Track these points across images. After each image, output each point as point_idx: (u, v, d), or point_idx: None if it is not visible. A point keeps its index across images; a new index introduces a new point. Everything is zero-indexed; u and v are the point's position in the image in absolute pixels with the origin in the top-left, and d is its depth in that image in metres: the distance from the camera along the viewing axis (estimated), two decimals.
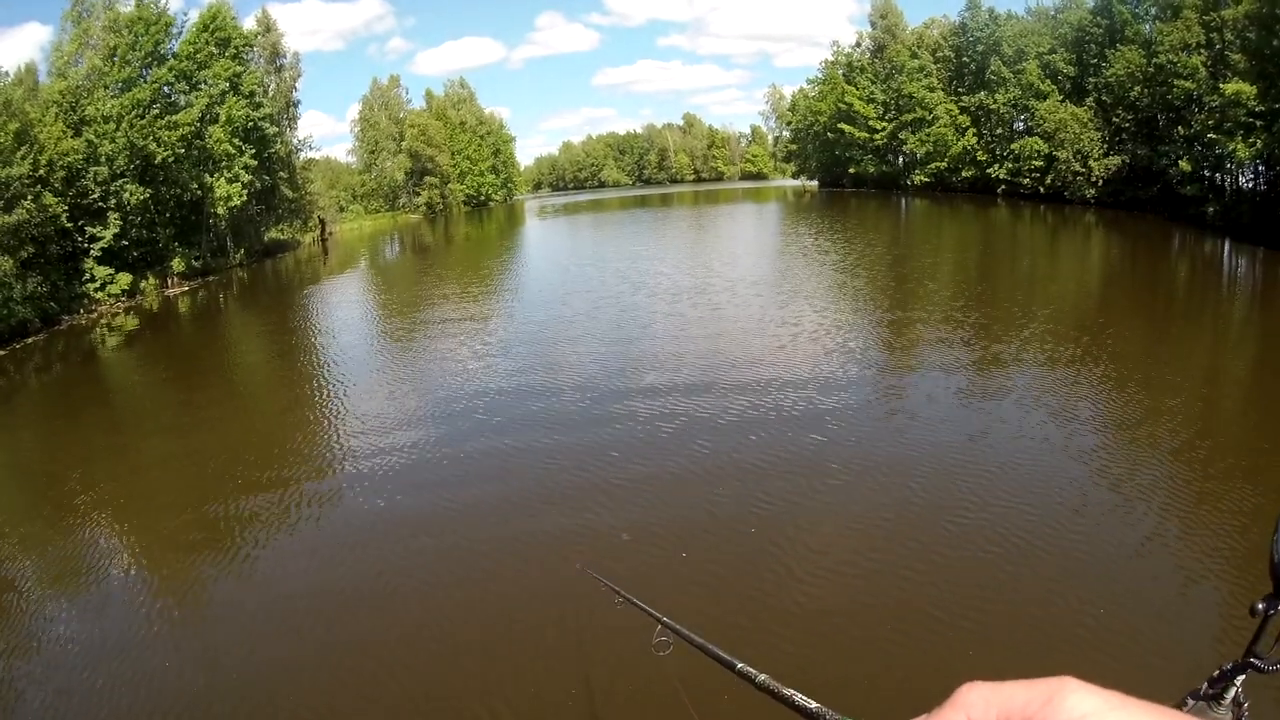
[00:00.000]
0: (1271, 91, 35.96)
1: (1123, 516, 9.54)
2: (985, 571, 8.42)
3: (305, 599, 8.92)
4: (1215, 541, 8.79)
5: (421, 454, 12.94)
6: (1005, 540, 8.94)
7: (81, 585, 10.01)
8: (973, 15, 73.08)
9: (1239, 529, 9.02)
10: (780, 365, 16.04)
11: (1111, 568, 8.42)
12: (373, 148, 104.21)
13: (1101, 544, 8.89)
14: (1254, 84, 36.89)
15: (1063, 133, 57.30)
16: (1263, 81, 36.46)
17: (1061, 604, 7.79)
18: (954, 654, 7.19)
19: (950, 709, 0.63)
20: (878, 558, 8.89)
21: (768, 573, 8.58)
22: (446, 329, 23.42)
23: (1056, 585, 8.11)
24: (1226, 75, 40.01)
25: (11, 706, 7.55)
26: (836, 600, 8.16)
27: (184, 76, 47.08)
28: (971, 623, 7.61)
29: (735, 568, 8.75)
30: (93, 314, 36.61)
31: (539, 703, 7.08)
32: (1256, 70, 36.87)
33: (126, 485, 13.38)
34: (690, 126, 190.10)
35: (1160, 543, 8.93)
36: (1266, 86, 36.21)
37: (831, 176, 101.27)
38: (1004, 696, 0.60)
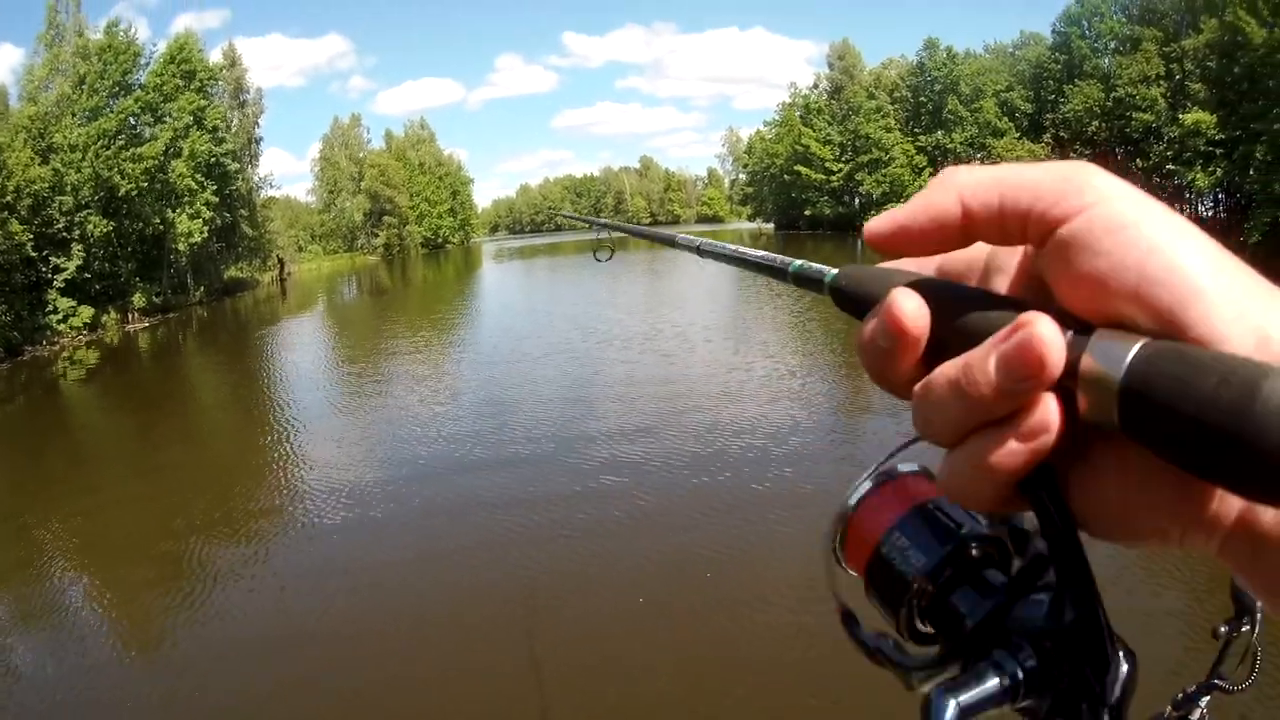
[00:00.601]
0: (1232, 119, 36.93)
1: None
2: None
3: (261, 640, 8.64)
4: (1176, 568, 8.78)
5: (371, 496, 12.63)
6: None
7: (34, 623, 9.67)
8: (930, 55, 74.36)
9: (1200, 556, 9.01)
10: (731, 412, 15.89)
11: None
12: (332, 187, 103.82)
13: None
14: (1214, 113, 37.89)
15: None
16: (1223, 110, 37.47)
17: None
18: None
19: (936, 187, 0.49)
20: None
21: (724, 614, 8.48)
22: (401, 374, 23.08)
23: None
24: (1186, 105, 41.08)
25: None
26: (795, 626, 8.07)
27: (150, 108, 46.58)
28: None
29: (692, 610, 8.64)
30: (55, 346, 35.82)
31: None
32: (1217, 98, 37.90)
33: (84, 521, 12.93)
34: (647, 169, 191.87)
35: (1125, 571, 8.90)
36: (1227, 114, 37.19)
37: (788, 219, 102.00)
38: (1006, 175, 0.46)
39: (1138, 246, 0.39)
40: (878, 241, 0.52)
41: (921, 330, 0.49)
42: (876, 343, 0.51)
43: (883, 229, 0.51)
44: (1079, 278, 0.42)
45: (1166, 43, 43.32)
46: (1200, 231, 0.41)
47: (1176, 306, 0.39)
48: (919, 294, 0.49)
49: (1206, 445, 0.35)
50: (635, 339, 24.32)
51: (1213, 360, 0.35)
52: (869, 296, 0.54)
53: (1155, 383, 0.38)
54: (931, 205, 0.49)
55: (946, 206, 0.48)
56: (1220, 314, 0.38)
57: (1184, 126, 39.57)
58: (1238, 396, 0.33)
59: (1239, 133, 36.39)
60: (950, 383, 0.47)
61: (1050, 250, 0.43)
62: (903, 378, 0.52)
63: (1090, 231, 0.41)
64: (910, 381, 0.52)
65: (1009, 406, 0.44)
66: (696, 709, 6.82)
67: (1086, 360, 0.41)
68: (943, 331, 0.49)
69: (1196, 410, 0.35)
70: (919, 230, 0.50)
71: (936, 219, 0.49)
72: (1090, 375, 0.41)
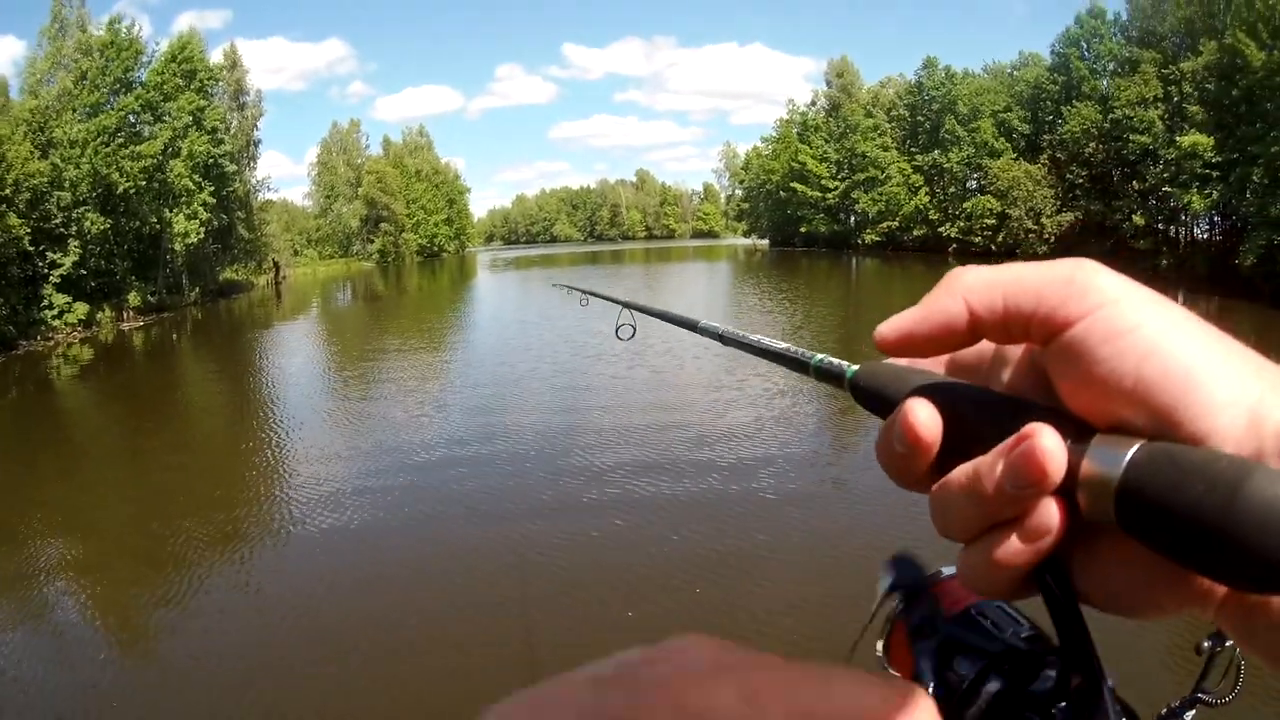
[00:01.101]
0: (1229, 141, 37.09)
1: None
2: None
3: (241, 638, 8.62)
4: None
5: (358, 502, 12.56)
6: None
7: (20, 618, 9.61)
8: (929, 74, 74.62)
9: None
10: (720, 427, 15.84)
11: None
12: (329, 192, 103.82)
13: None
14: (1211, 135, 38.06)
15: (1016, 190, 58.35)
16: (1220, 132, 37.64)
17: None
18: None
19: (942, 292, 0.52)
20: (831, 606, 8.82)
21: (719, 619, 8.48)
22: (392, 383, 23.00)
23: None
24: (1183, 128, 41.23)
25: None
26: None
27: (150, 107, 46.58)
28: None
29: (681, 625, 8.58)
30: (49, 341, 35.70)
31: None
32: (1215, 121, 38.07)
33: (73, 517, 12.89)
34: (643, 183, 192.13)
35: None
36: (1225, 137, 37.37)
37: (783, 235, 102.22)
38: (1011, 278, 0.49)
39: (1134, 352, 0.42)
40: (887, 347, 0.55)
41: (934, 439, 0.52)
42: (893, 448, 0.54)
43: (892, 335, 0.54)
44: (1080, 381, 0.45)
45: (1165, 65, 43.49)
46: (1197, 322, 0.44)
47: (1170, 408, 0.41)
48: (932, 401, 0.53)
49: (1195, 542, 0.39)
50: (624, 355, 24.25)
51: (1200, 462, 0.39)
52: (886, 397, 0.59)
53: (1148, 485, 0.41)
54: (938, 311, 0.52)
55: (953, 312, 0.51)
56: (1211, 409, 0.41)
57: (1181, 149, 39.74)
58: (1221, 498, 0.36)
59: (1236, 155, 36.55)
60: (962, 487, 0.50)
61: (1052, 352, 0.46)
62: (918, 477, 0.55)
63: (1089, 338, 0.43)
64: (925, 479, 0.55)
65: (1016, 510, 0.48)
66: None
67: (1086, 464, 0.44)
68: (955, 434, 0.52)
69: (1185, 510, 0.38)
70: (926, 336, 0.53)
71: (943, 325, 0.52)
72: (1089, 478, 0.44)
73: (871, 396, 0.61)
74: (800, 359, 0.71)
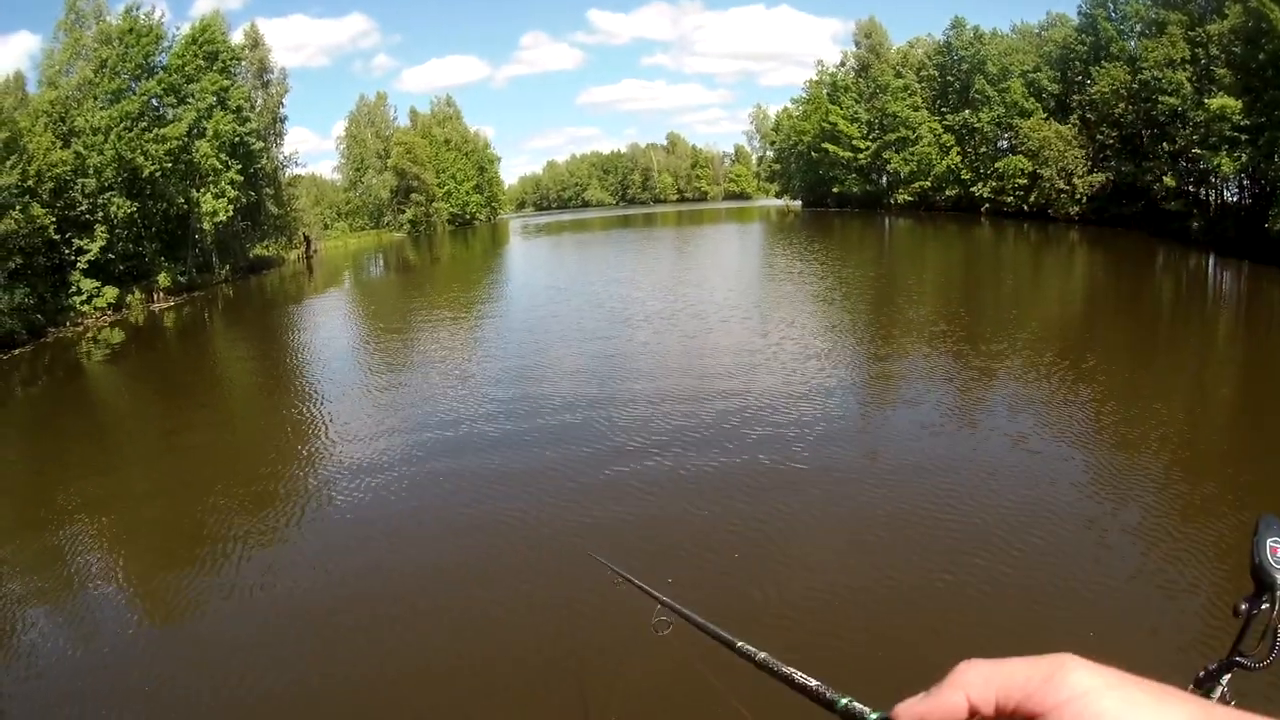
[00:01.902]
0: (1257, 105, 36.37)
1: (1103, 529, 9.34)
2: (976, 585, 8.26)
3: (291, 616, 8.75)
4: (1197, 547, 8.74)
5: (399, 474, 12.74)
6: (999, 556, 8.81)
7: (62, 602, 9.86)
8: (957, 34, 73.54)
9: (1218, 534, 8.97)
10: (755, 393, 15.82)
11: (1096, 576, 8.28)
12: (358, 165, 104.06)
13: (1084, 552, 8.83)
14: (1239, 98, 37.30)
15: (1047, 150, 57.58)
16: (1248, 95, 36.88)
17: (1049, 608, 7.76)
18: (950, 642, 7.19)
19: (948, 687, 0.65)
20: (873, 562, 8.85)
21: (764, 571, 8.55)
22: (427, 354, 23.22)
23: (1042, 598, 8.00)
24: (1211, 90, 40.46)
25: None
26: (835, 590, 8.11)
27: (172, 90, 46.93)
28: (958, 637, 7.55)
29: (728, 579, 8.66)
30: (79, 327, 36.33)
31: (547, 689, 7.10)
32: (1241, 84, 37.31)
33: (110, 503, 13.17)
34: (674, 146, 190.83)
35: (1151, 550, 8.86)
36: (1252, 100, 36.62)
37: (815, 196, 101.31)
38: (1003, 674, 0.61)
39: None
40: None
41: None
42: None
43: (909, 719, 0.70)
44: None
45: (1191, 27, 42.59)
46: (1171, 698, 0.56)
47: None
48: None
49: None
50: (663, 318, 24.25)
51: None
52: None
53: None
54: (943, 704, 0.66)
55: (956, 704, 0.65)
56: None
57: (1209, 111, 38.97)
58: None
59: (1263, 119, 35.84)
60: None
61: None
62: None
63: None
64: None
65: None
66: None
67: None
68: None
69: None
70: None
71: (947, 714, 0.66)
72: None
73: None
74: (827, 698, 0.78)
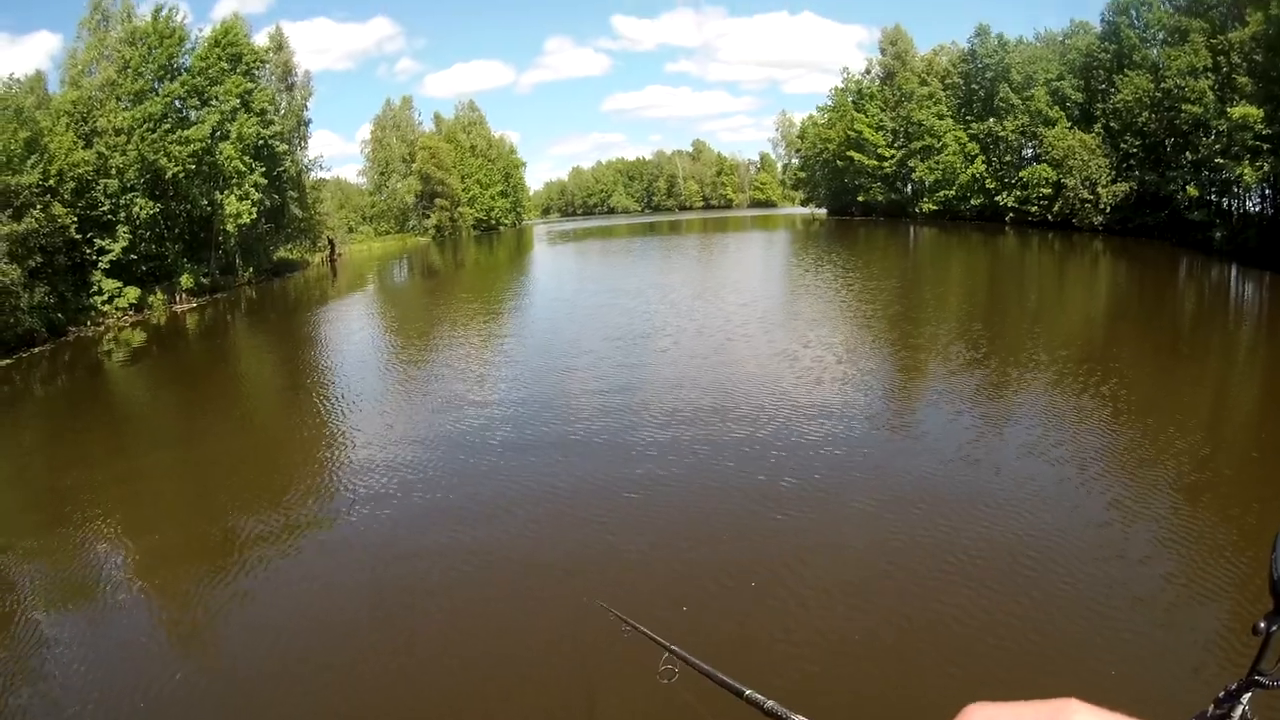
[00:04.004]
0: (1279, 114, 36.02)
1: (1122, 544, 9.29)
2: (991, 600, 8.21)
3: (306, 623, 8.81)
4: (1216, 564, 8.66)
5: (422, 485, 12.71)
6: (1012, 573, 8.77)
7: (80, 599, 9.97)
8: (982, 42, 73.04)
9: (1238, 550, 8.88)
10: (780, 406, 15.73)
11: (1112, 596, 8.23)
12: (383, 169, 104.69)
13: (1102, 574, 8.74)
14: (1261, 106, 36.97)
15: (1071, 159, 57.17)
16: (1270, 104, 36.56)
17: (1064, 634, 7.67)
18: (959, 679, 7.13)
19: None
20: (888, 586, 8.78)
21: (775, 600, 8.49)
22: (451, 360, 23.24)
23: (1058, 617, 7.92)
24: (1234, 99, 40.09)
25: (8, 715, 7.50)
26: (843, 629, 8.04)
27: (196, 92, 47.39)
28: (973, 656, 7.48)
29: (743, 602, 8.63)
30: (99, 327, 36.78)
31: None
32: (1264, 92, 36.97)
33: (129, 502, 13.32)
34: (699, 153, 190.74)
35: (1161, 570, 8.77)
36: (1274, 109, 36.30)
37: (840, 204, 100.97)
38: (1009, 716, 0.60)
39: None
40: None
41: None
42: None
43: None
44: None
45: (1214, 35, 42.27)
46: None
47: None
48: None
49: None
50: (691, 333, 24.15)
51: None
52: None
53: None
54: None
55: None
56: None
57: (1232, 120, 38.65)
58: None
59: None
60: None
61: None
62: None
63: None
64: None
65: None
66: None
67: None
68: None
69: None
70: None
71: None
72: None
73: None
74: None
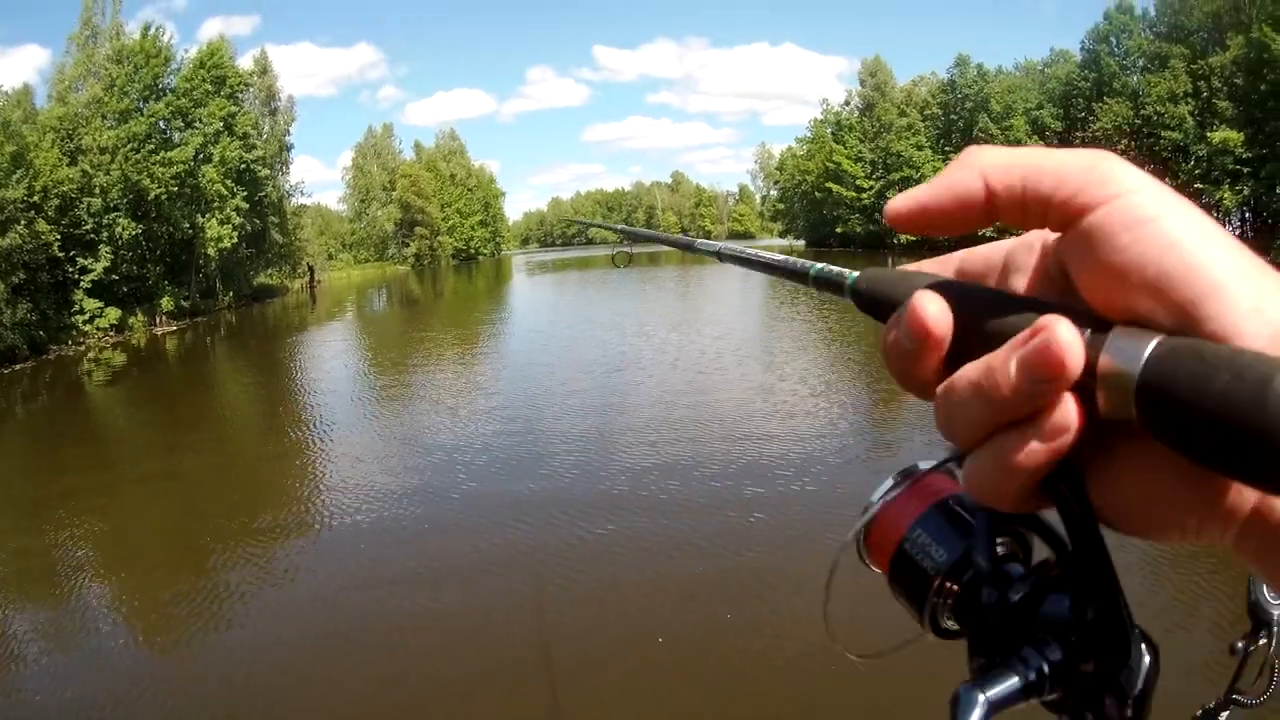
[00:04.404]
0: (1259, 137, 36.61)
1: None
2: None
3: (283, 652, 8.66)
4: (1192, 586, 8.64)
5: (389, 512, 12.53)
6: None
7: (51, 623, 9.75)
8: (961, 72, 74.05)
9: (1214, 572, 8.87)
10: (756, 436, 15.52)
11: None
12: (364, 196, 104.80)
13: None
14: (1241, 130, 37.52)
15: None
16: (1250, 127, 37.14)
17: None
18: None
19: (960, 167, 0.50)
20: (865, 614, 8.66)
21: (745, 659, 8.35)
22: (426, 391, 23.02)
23: None
24: (1214, 124, 40.71)
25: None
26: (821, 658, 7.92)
27: (180, 113, 47.23)
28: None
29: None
30: (80, 346, 36.32)
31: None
32: (1244, 116, 37.55)
33: (103, 522, 13.06)
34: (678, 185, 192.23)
35: (1149, 593, 8.75)
36: (1254, 132, 36.85)
37: (818, 235, 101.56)
38: (1030, 159, 0.47)
39: (1157, 242, 0.40)
40: (900, 220, 0.52)
41: (945, 332, 0.49)
42: (901, 345, 0.51)
43: (905, 208, 0.52)
44: (1098, 270, 0.43)
45: (1194, 60, 42.98)
46: (1221, 229, 0.42)
47: (1193, 302, 0.40)
48: (941, 296, 0.50)
49: (1220, 440, 0.36)
50: (668, 366, 23.99)
51: (1226, 356, 0.37)
52: (891, 299, 0.55)
53: (1170, 379, 0.39)
54: (955, 184, 0.49)
55: (970, 188, 0.48)
56: (1236, 309, 0.39)
57: (1212, 144, 39.22)
58: (1250, 392, 0.33)
59: (1265, 151, 36.06)
60: (972, 384, 0.47)
61: (1071, 239, 0.44)
62: (926, 379, 0.52)
63: (1111, 225, 0.41)
64: (933, 383, 0.52)
65: (1029, 407, 0.45)
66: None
67: (1104, 359, 0.42)
68: (965, 333, 0.49)
69: (1211, 405, 0.36)
70: (941, 210, 0.50)
71: (959, 199, 0.50)
72: (1108, 373, 0.42)
73: (876, 301, 0.58)
74: (799, 270, 0.69)
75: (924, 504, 0.57)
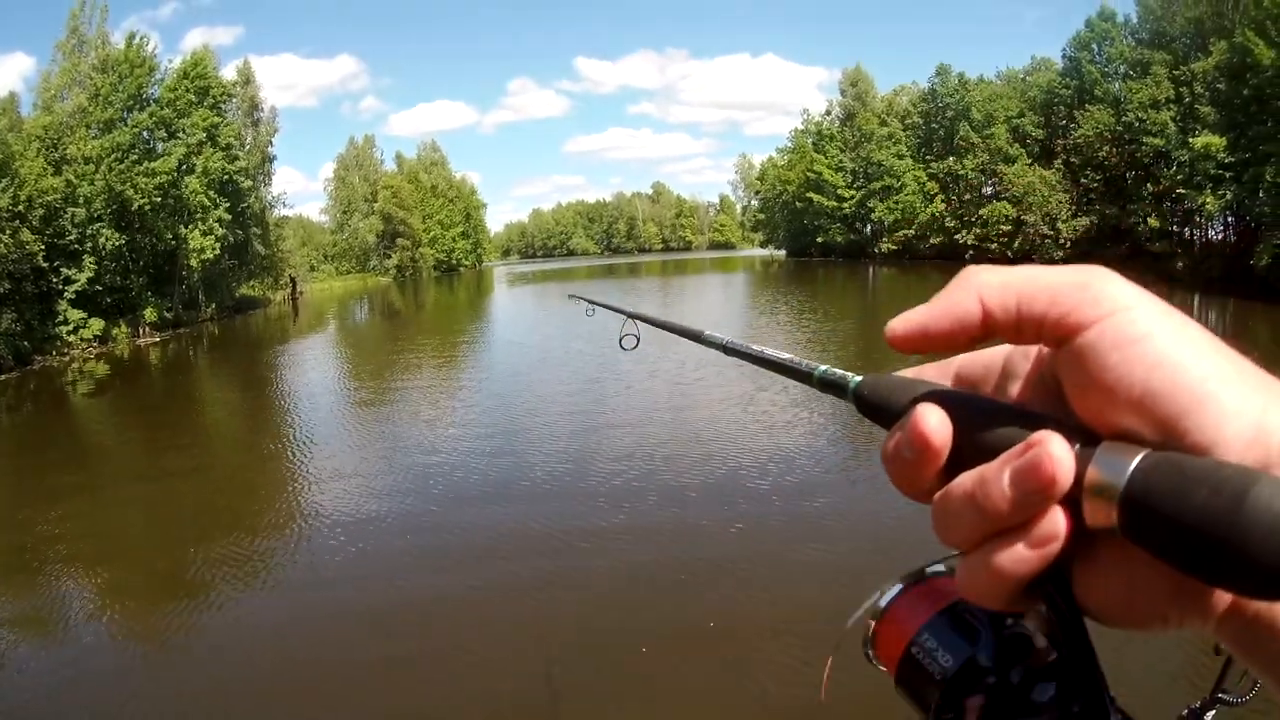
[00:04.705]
0: (1240, 142, 36.84)
1: None
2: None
3: (268, 666, 8.59)
4: None
5: (373, 524, 12.45)
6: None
7: (34, 629, 9.65)
8: (942, 81, 74.37)
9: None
10: (739, 452, 15.50)
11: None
12: (346, 207, 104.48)
13: None
14: (1223, 135, 37.78)
15: (1031, 196, 58.09)
16: (1232, 132, 37.37)
17: None
18: None
19: (958, 289, 0.52)
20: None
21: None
22: (407, 403, 22.89)
23: None
24: (1196, 129, 41.02)
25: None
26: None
27: (163, 124, 46.93)
28: None
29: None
30: (64, 357, 35.98)
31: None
32: (1226, 121, 37.82)
33: (87, 532, 12.98)
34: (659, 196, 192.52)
35: None
36: (1236, 137, 37.10)
37: (799, 245, 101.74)
38: (1024, 279, 0.49)
39: (1143, 361, 0.44)
40: (899, 342, 0.54)
41: (944, 444, 0.51)
42: (901, 454, 0.53)
43: (904, 330, 0.54)
44: (1089, 387, 0.46)
45: (1176, 66, 43.40)
46: (1205, 334, 0.45)
47: (1176, 417, 0.42)
48: (941, 407, 0.52)
49: (1199, 549, 0.39)
50: (648, 378, 23.91)
51: (1205, 471, 0.39)
52: (891, 408, 0.57)
53: (1152, 493, 0.41)
54: (953, 308, 0.52)
55: (967, 309, 0.51)
56: (1218, 419, 0.42)
57: (1194, 150, 39.48)
58: (1226, 506, 0.36)
59: (1248, 155, 36.28)
60: (967, 495, 0.49)
61: (1064, 356, 0.48)
62: (924, 486, 0.54)
63: (1101, 345, 0.44)
64: (931, 489, 0.54)
65: (1020, 517, 0.47)
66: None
67: (1091, 472, 0.44)
68: (962, 443, 0.51)
69: (1190, 518, 0.39)
70: (940, 333, 0.52)
71: (957, 321, 0.52)
72: (1094, 485, 0.44)
73: (876, 408, 0.60)
74: (803, 370, 0.70)
75: (932, 608, 0.59)
